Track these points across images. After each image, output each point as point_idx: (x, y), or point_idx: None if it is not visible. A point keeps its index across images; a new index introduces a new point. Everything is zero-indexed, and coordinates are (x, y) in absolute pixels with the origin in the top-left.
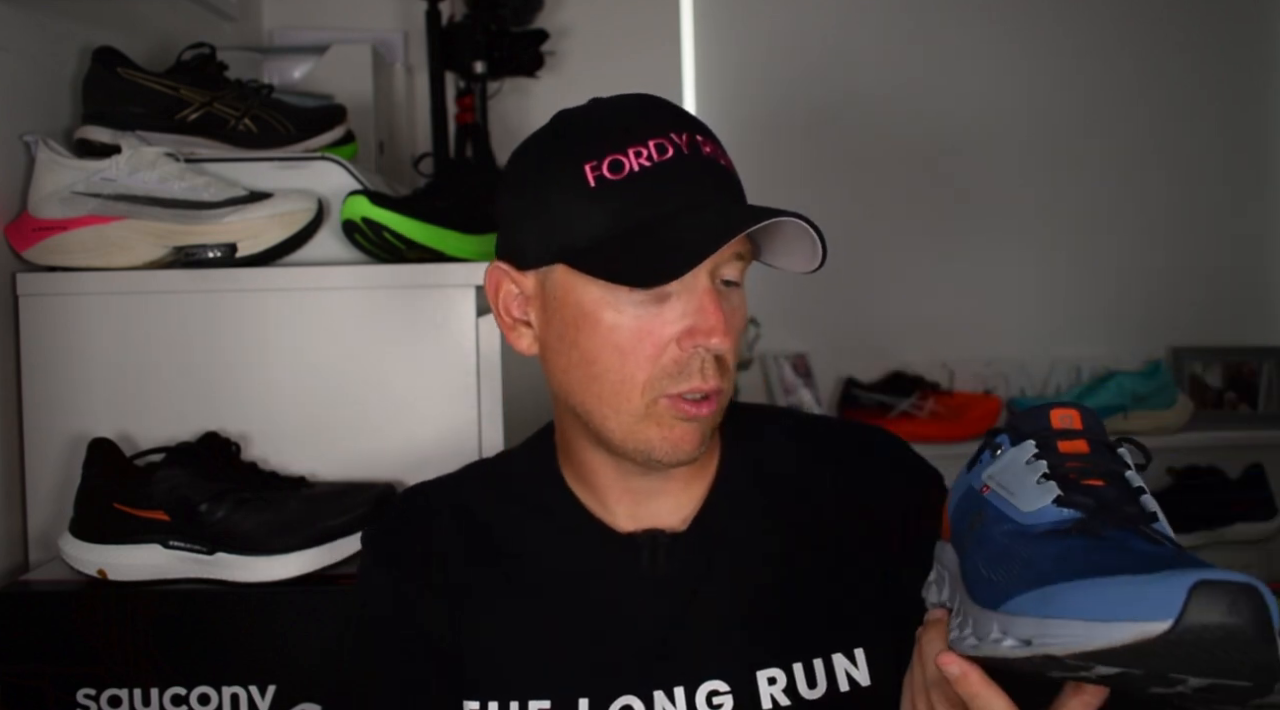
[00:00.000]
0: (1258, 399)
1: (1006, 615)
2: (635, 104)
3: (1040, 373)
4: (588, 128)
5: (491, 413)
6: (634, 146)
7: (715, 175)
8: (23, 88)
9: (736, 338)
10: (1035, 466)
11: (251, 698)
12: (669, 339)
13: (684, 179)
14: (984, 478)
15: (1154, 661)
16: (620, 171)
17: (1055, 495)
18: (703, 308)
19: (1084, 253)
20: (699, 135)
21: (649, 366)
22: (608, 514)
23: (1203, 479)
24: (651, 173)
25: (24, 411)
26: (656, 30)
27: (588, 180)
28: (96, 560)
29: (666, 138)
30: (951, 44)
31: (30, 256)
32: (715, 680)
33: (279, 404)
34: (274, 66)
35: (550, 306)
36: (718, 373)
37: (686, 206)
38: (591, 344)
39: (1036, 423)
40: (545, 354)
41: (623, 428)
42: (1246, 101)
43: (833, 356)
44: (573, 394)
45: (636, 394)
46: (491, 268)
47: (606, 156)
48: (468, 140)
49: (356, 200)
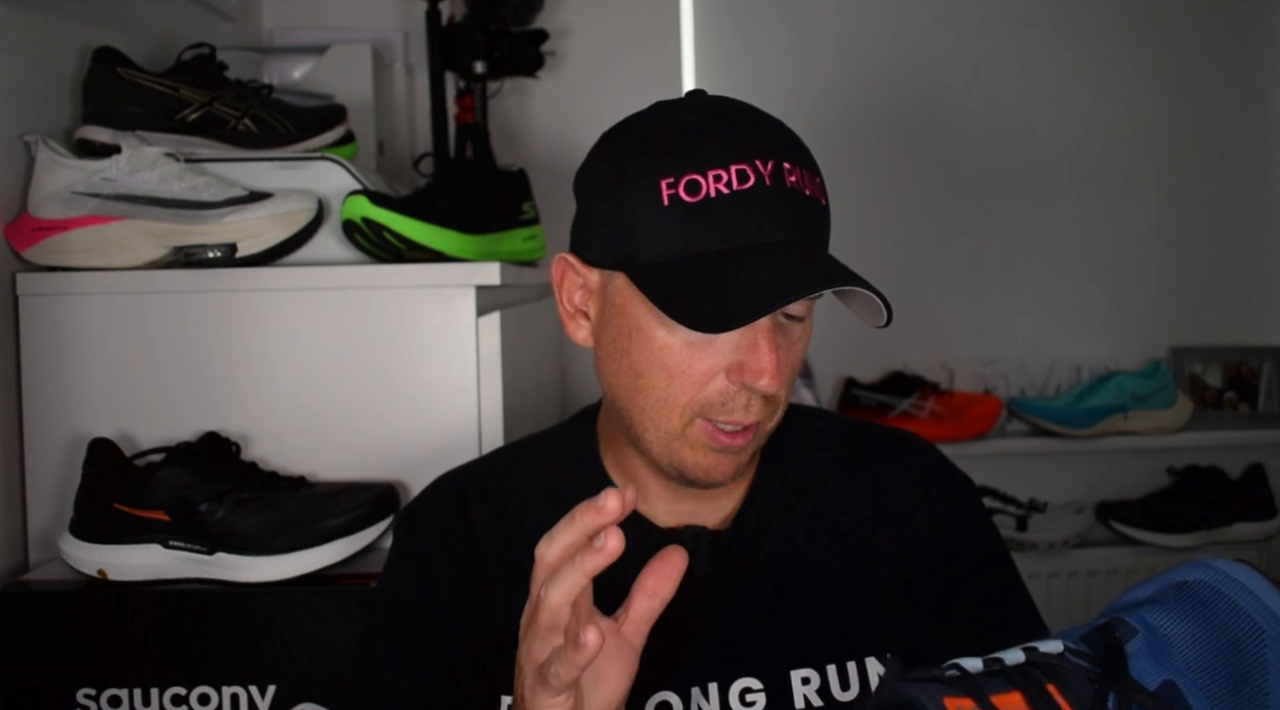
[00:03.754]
0: (1258, 399)
1: None
2: (728, 118)
3: (1040, 373)
4: (675, 138)
5: (491, 413)
6: (714, 169)
7: (796, 209)
8: (23, 88)
9: (792, 373)
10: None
11: (251, 698)
12: (718, 369)
13: (761, 213)
14: None
15: None
16: (696, 194)
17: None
18: (756, 347)
19: (1084, 252)
20: (787, 162)
21: (693, 392)
22: (648, 507)
23: (1203, 479)
24: (728, 201)
25: (24, 411)
26: (656, 30)
27: (662, 198)
28: (96, 560)
29: (750, 164)
30: (954, 46)
31: (30, 256)
32: (749, 678)
33: (279, 404)
34: (274, 66)
35: (608, 310)
36: (763, 408)
37: (757, 245)
38: (642, 357)
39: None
40: (598, 351)
41: (659, 443)
42: (1246, 101)
43: (833, 356)
44: (619, 398)
45: (676, 415)
46: (559, 257)
47: (685, 176)
48: (468, 140)
49: (356, 200)
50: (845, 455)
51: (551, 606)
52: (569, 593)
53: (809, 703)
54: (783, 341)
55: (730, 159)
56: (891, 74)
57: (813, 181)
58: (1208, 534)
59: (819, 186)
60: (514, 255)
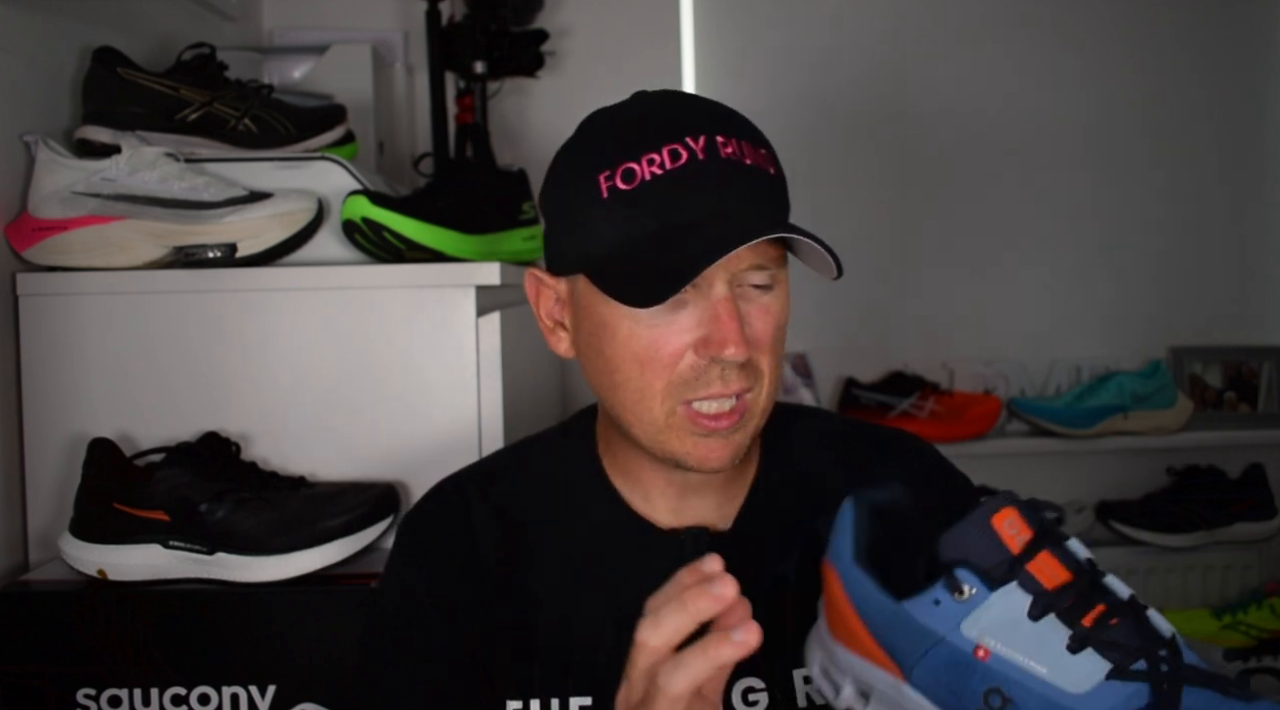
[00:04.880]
0: (1258, 399)
1: None
2: (661, 105)
3: (1040, 373)
4: (609, 132)
5: (491, 413)
6: (648, 153)
7: (734, 180)
8: (23, 88)
9: (769, 342)
10: (1050, 626)
11: (251, 698)
12: (685, 347)
13: (697, 187)
14: (969, 635)
15: None
16: (632, 181)
17: (1106, 670)
18: (716, 317)
19: (1084, 252)
20: (720, 135)
21: (666, 374)
22: (650, 508)
23: (1203, 479)
24: (663, 181)
25: (24, 411)
26: (656, 30)
27: (601, 191)
28: (96, 560)
29: (681, 142)
30: (952, 45)
31: (30, 256)
32: (751, 677)
33: (279, 404)
34: (274, 66)
35: (579, 314)
36: (742, 377)
37: (698, 218)
38: (614, 352)
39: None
40: (580, 358)
41: (648, 435)
42: (1246, 101)
43: (833, 356)
44: (605, 398)
45: (656, 403)
46: (529, 274)
47: (620, 165)
48: (468, 140)
49: (356, 200)
50: (845, 455)
51: (673, 695)
52: (695, 681)
53: (812, 701)
54: (751, 310)
55: (662, 141)
56: (892, 73)
57: (755, 152)
58: (1208, 534)
59: (764, 156)
60: (514, 255)
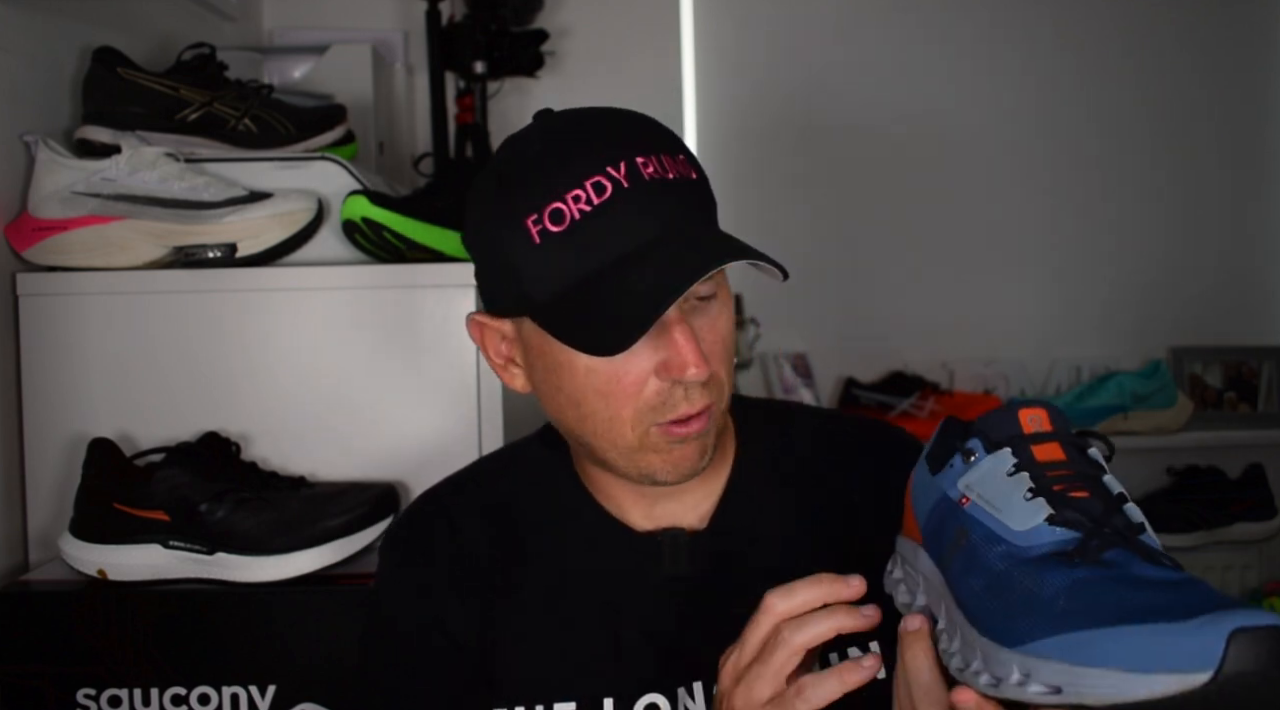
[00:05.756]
0: (1258, 399)
1: (1030, 657)
2: (571, 135)
3: (1040, 373)
4: (527, 170)
5: (491, 413)
6: (572, 191)
7: (663, 200)
8: (23, 88)
9: (721, 350)
10: (1019, 480)
11: (251, 698)
12: (646, 373)
13: (628, 218)
14: (960, 487)
15: (1190, 708)
16: (561, 222)
17: (1047, 514)
18: (673, 342)
19: (1084, 253)
20: (639, 157)
21: (632, 402)
22: (624, 513)
23: (1203, 479)
24: (593, 218)
25: (24, 411)
26: (656, 30)
27: (532, 237)
28: (96, 560)
29: (603, 173)
30: (951, 47)
31: (30, 256)
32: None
33: (279, 404)
34: (274, 66)
35: (530, 353)
36: (705, 394)
37: (636, 249)
38: (574, 388)
39: (1007, 427)
40: (536, 393)
41: (623, 458)
42: (1246, 101)
43: (833, 356)
44: (571, 430)
45: (627, 429)
46: (470, 319)
47: (546, 206)
48: (468, 140)
49: (356, 200)
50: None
51: (794, 646)
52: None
53: None
54: (702, 322)
55: (583, 176)
56: (896, 73)
57: (674, 161)
58: (1208, 534)
59: (684, 162)
60: None
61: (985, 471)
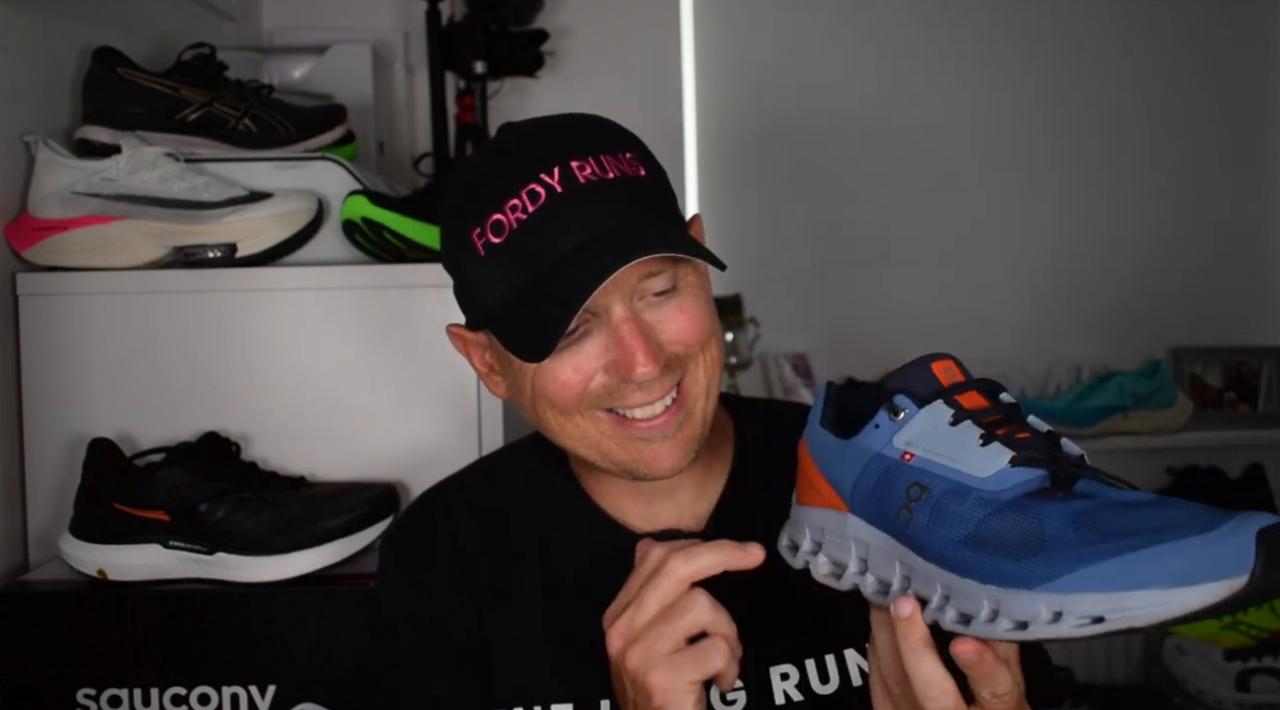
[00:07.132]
0: (1258, 399)
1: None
2: (509, 145)
3: (1040, 373)
4: (472, 185)
5: (491, 412)
6: (509, 201)
7: (596, 202)
8: (23, 88)
9: (696, 337)
10: (965, 428)
11: (251, 698)
12: (594, 370)
13: (559, 224)
14: (899, 444)
15: (1232, 610)
16: (501, 233)
17: (1009, 457)
18: (620, 340)
19: (1084, 252)
20: (574, 161)
21: (578, 391)
22: (623, 514)
23: (1203, 479)
24: (528, 227)
25: (24, 411)
26: (656, 30)
27: (477, 250)
28: (96, 560)
29: (537, 180)
30: (951, 47)
31: (30, 256)
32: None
33: (279, 404)
34: (274, 66)
35: (501, 361)
36: (661, 385)
37: (565, 255)
38: (533, 390)
39: (926, 380)
40: (514, 399)
41: (591, 451)
42: (1246, 101)
43: (833, 356)
44: (547, 432)
45: (576, 416)
46: (450, 332)
47: (488, 219)
48: (468, 140)
49: (356, 200)
50: None
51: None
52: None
53: (789, 698)
54: (663, 317)
55: (519, 184)
56: (897, 72)
57: (617, 160)
58: None
59: (631, 160)
60: None
61: (924, 426)
